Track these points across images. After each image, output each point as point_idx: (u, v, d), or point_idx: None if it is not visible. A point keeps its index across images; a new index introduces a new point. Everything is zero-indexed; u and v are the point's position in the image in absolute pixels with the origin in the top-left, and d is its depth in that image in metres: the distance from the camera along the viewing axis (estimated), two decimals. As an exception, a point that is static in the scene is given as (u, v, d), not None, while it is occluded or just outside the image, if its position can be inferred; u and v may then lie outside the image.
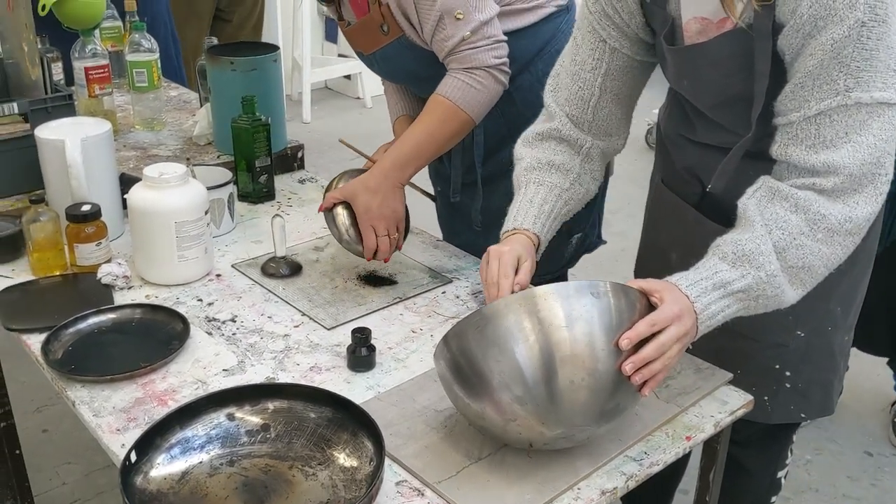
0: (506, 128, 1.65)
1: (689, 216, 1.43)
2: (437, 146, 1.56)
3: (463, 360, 1.05)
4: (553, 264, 1.71)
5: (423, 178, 2.02)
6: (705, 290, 1.11)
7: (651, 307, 1.08)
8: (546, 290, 1.04)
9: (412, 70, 1.65)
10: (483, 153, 1.73)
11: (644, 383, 1.06)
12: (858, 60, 1.06)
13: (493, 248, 1.25)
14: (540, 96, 1.42)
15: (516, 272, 1.22)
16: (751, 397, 1.25)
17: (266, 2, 4.78)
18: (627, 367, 1.03)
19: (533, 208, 1.31)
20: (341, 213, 1.53)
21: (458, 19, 1.49)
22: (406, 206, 1.56)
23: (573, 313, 1.02)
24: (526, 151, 1.38)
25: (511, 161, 1.42)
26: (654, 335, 1.05)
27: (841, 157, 1.10)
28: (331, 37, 5.35)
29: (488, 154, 1.73)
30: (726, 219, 1.32)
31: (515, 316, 1.03)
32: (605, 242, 1.93)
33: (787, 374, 1.43)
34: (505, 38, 1.55)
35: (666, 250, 1.51)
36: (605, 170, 1.79)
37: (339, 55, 5.29)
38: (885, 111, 1.08)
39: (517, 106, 1.58)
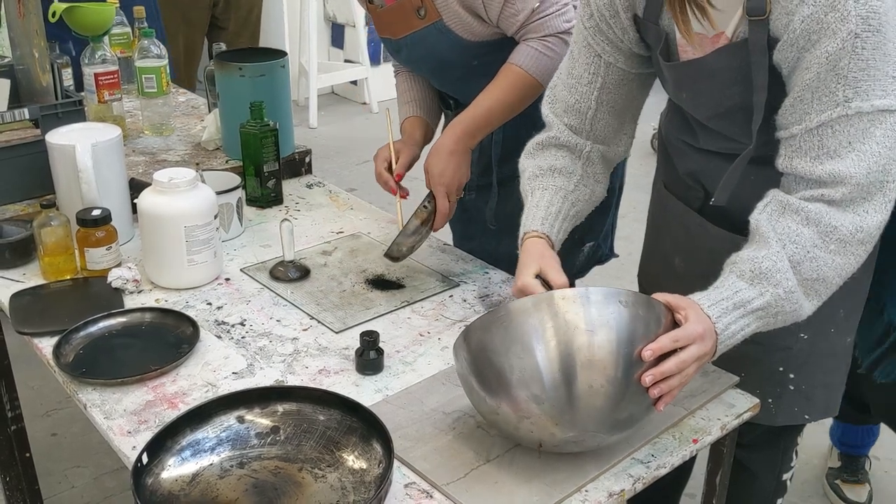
0: (525, 130, 1.66)
1: (692, 221, 1.44)
2: (507, 112, 1.59)
3: (484, 353, 1.06)
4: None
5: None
6: (726, 311, 1.12)
7: (675, 323, 1.09)
8: (574, 294, 1.05)
9: (442, 56, 1.65)
10: (500, 154, 1.74)
11: (659, 398, 1.06)
12: (855, 71, 1.07)
13: (515, 290, 1.23)
14: None
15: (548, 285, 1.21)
16: (757, 400, 1.26)
17: (272, 8, 4.82)
18: (647, 378, 1.03)
19: (540, 211, 1.32)
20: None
21: None
22: None
23: (598, 319, 1.03)
24: (528, 162, 1.39)
25: None
26: (675, 351, 1.06)
27: (846, 166, 1.10)
28: (337, 42, 5.37)
29: (506, 156, 1.74)
30: (729, 224, 1.33)
31: (541, 315, 1.04)
32: (616, 256, 1.92)
33: (791, 376, 1.44)
34: (569, 1, 1.57)
35: (669, 254, 1.52)
36: (618, 179, 1.80)
37: (346, 60, 5.31)
38: (887, 118, 1.09)
39: (538, 109, 1.59)
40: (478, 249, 1.74)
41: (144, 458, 1.04)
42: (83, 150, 1.52)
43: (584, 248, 1.81)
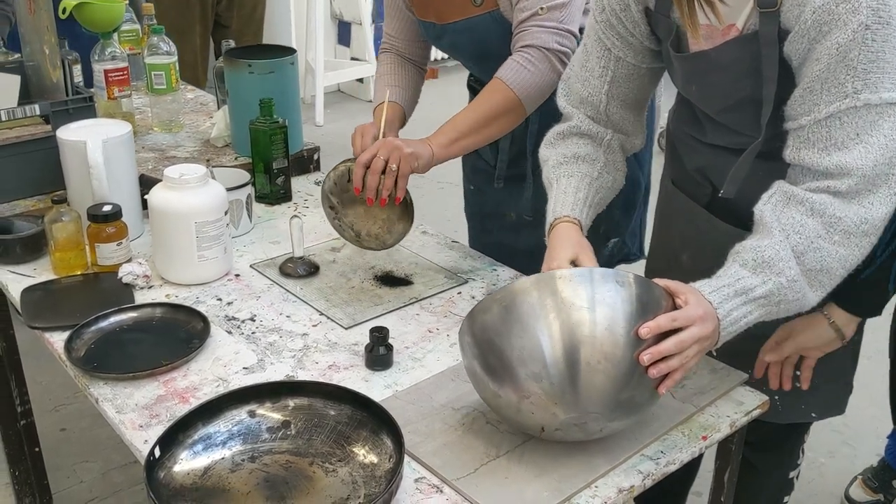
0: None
1: (700, 217, 1.45)
2: (478, 117, 1.52)
3: (485, 335, 1.07)
4: None
5: (457, 173, 2.00)
6: (727, 297, 1.12)
7: (675, 308, 1.09)
8: (572, 273, 1.07)
9: (489, 44, 1.62)
10: (535, 144, 1.69)
11: (661, 382, 1.07)
12: (865, 62, 1.07)
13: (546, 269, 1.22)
14: None
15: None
16: (766, 398, 1.26)
17: (279, 6, 4.82)
18: (645, 357, 1.04)
19: (569, 197, 1.31)
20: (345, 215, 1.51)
21: None
22: (409, 196, 1.50)
23: (596, 297, 1.04)
24: (550, 152, 1.39)
25: None
26: (674, 332, 1.06)
27: (853, 158, 1.11)
28: (343, 40, 5.38)
29: (536, 146, 1.72)
30: (737, 219, 1.33)
31: (540, 294, 1.05)
32: (645, 257, 1.91)
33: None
34: (576, 32, 1.53)
35: (677, 250, 1.52)
36: (644, 178, 1.79)
37: (352, 58, 5.32)
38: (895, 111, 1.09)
39: None
40: (496, 243, 1.73)
41: (157, 452, 1.05)
42: (94, 146, 1.53)
43: (608, 244, 1.80)
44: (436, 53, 4.82)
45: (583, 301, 1.04)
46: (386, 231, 1.52)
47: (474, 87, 1.82)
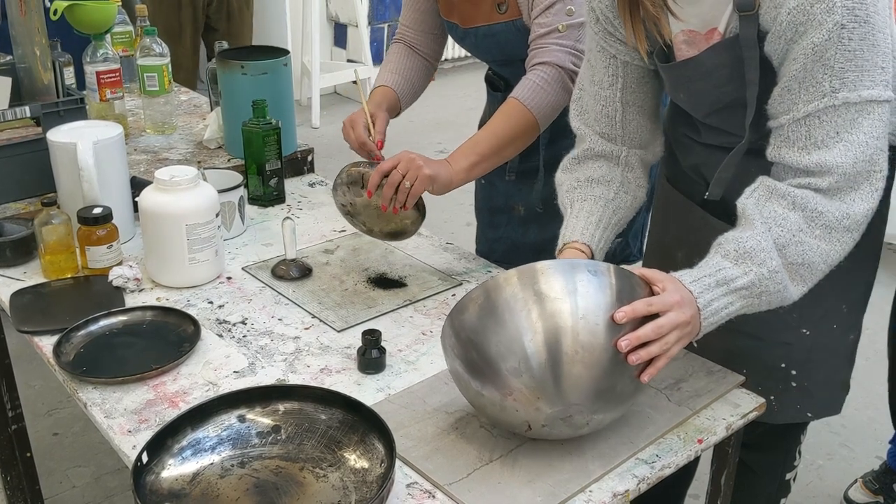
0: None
1: (695, 214, 1.44)
2: (498, 140, 1.52)
3: (464, 334, 1.07)
4: None
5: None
6: (708, 287, 1.12)
7: (653, 295, 1.09)
8: (545, 265, 1.06)
9: (512, 51, 1.62)
10: (549, 137, 1.69)
11: (643, 371, 1.06)
12: (842, 62, 1.07)
13: None
14: None
15: None
16: (763, 400, 1.25)
17: (274, 8, 4.82)
18: (622, 343, 1.03)
19: (580, 221, 1.31)
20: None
21: (567, 14, 1.50)
22: (422, 199, 1.50)
23: (569, 287, 1.03)
24: (565, 177, 1.39)
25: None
26: (653, 318, 1.05)
27: (833, 156, 1.11)
28: (340, 42, 5.37)
29: (554, 138, 1.70)
30: (731, 217, 1.33)
31: (513, 288, 1.05)
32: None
33: (793, 373, 1.43)
34: None
35: (672, 248, 1.52)
36: (651, 179, 1.78)
37: (348, 60, 5.30)
38: (875, 108, 1.09)
39: None
40: (503, 238, 1.71)
41: (144, 458, 1.03)
42: (85, 148, 1.51)
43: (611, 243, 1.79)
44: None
45: (557, 292, 1.03)
46: (400, 229, 1.55)
47: (493, 82, 1.82)
